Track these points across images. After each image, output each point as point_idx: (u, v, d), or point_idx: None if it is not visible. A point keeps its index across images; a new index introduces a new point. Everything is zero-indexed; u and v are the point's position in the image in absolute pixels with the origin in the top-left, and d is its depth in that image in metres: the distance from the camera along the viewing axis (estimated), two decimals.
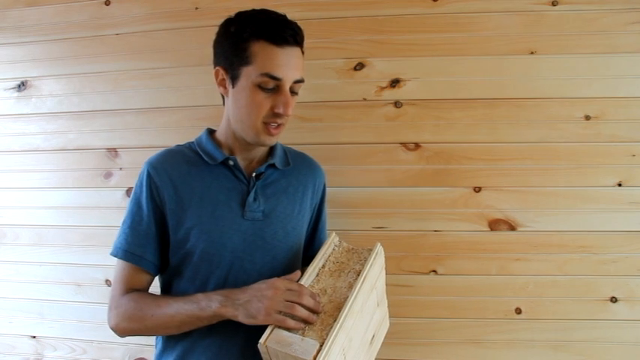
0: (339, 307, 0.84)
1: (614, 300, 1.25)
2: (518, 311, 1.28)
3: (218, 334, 0.90)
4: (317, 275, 0.91)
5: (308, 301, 0.82)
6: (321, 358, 0.76)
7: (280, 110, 0.89)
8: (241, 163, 0.98)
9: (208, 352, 0.91)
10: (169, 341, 0.95)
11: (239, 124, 0.93)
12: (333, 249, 0.97)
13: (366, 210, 1.31)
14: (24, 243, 1.46)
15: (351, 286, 0.87)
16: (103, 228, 1.41)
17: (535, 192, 1.27)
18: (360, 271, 0.90)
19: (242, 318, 0.82)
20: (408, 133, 1.30)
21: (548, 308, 1.27)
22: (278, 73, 0.87)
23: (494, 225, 1.28)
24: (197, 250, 0.92)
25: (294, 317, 0.80)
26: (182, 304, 0.87)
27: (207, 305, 0.84)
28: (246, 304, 0.82)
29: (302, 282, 0.88)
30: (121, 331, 0.93)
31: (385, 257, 1.00)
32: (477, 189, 1.29)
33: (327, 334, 0.79)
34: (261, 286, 0.84)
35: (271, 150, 1.03)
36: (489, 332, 1.28)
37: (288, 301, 0.81)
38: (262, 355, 0.81)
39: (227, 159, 0.96)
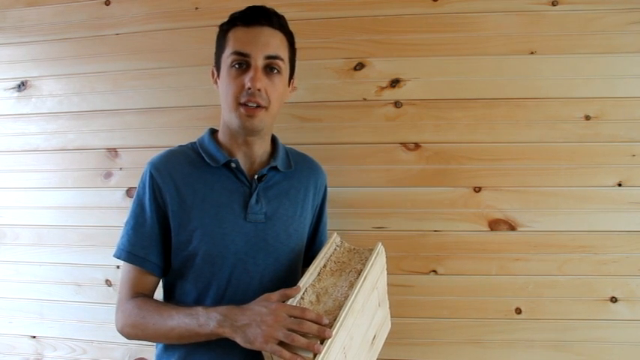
0: (339, 306, 0.83)
1: (614, 300, 1.25)
2: (518, 311, 1.28)
3: (220, 338, 0.90)
4: (318, 274, 0.91)
5: (310, 328, 0.78)
6: (322, 355, 0.75)
7: (248, 84, 0.89)
8: (243, 164, 0.98)
9: (212, 353, 0.91)
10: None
11: (226, 114, 0.95)
12: (335, 249, 0.97)
13: (366, 210, 1.31)
14: (24, 243, 1.46)
15: (352, 285, 0.87)
16: (102, 228, 1.41)
17: (535, 192, 1.27)
18: (361, 270, 0.90)
19: (240, 341, 0.81)
20: (408, 133, 1.30)
21: (548, 308, 1.27)
22: (245, 49, 0.90)
23: (494, 225, 1.28)
24: (200, 252, 0.92)
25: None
26: (182, 318, 0.86)
27: (206, 322, 0.83)
28: (245, 327, 0.81)
29: (303, 281, 0.88)
30: (126, 335, 0.93)
31: (386, 257, 1.00)
32: (477, 189, 1.29)
33: None
34: (262, 310, 0.81)
35: (273, 152, 1.03)
36: (489, 332, 1.28)
37: (288, 329, 0.78)
38: (263, 353, 0.81)
39: (229, 161, 0.96)
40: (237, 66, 0.91)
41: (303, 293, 0.87)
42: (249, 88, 0.89)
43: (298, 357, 0.77)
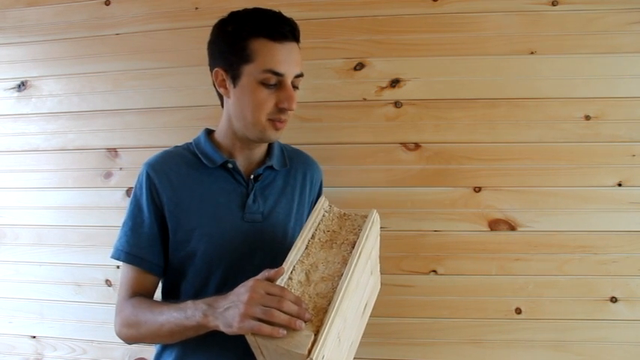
0: (333, 287, 0.75)
1: (614, 300, 1.25)
2: (518, 311, 1.28)
3: (218, 337, 0.89)
4: (306, 248, 0.82)
5: (290, 308, 0.72)
6: (317, 351, 0.67)
7: (285, 105, 0.89)
8: (240, 165, 0.98)
9: (208, 353, 0.91)
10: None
11: (242, 123, 0.93)
12: (324, 215, 0.89)
13: (366, 210, 1.31)
14: (24, 243, 1.46)
15: (345, 261, 0.79)
16: (103, 228, 1.41)
17: (535, 192, 1.27)
18: (355, 242, 0.81)
19: (222, 327, 0.76)
20: (408, 133, 1.30)
21: (548, 308, 1.27)
22: (280, 69, 0.88)
23: (494, 225, 1.28)
24: (198, 252, 0.92)
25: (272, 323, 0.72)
26: (172, 312, 0.83)
27: (193, 315, 0.80)
28: (225, 311, 0.76)
29: (290, 258, 0.80)
30: (124, 337, 0.92)
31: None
32: (477, 189, 1.29)
33: (321, 321, 0.71)
34: (240, 290, 0.77)
35: (269, 151, 1.03)
36: (489, 332, 1.28)
37: (266, 306, 0.72)
38: (250, 344, 0.74)
39: (226, 162, 0.96)
40: (268, 84, 0.89)
41: (291, 272, 0.78)
42: (284, 108, 0.89)
43: (279, 329, 0.70)
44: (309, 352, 0.68)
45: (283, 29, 0.88)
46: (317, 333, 0.70)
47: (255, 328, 0.71)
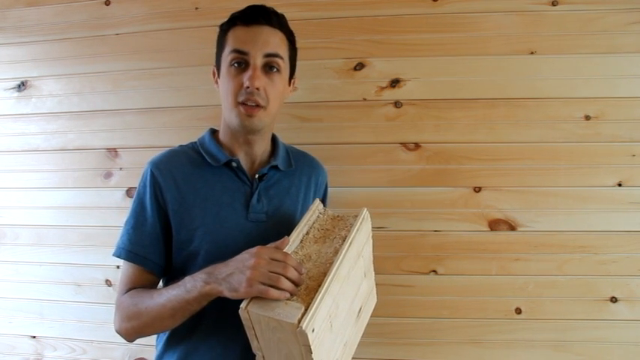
0: (324, 272, 0.80)
1: (614, 300, 1.25)
2: (518, 311, 1.28)
3: (220, 336, 0.90)
4: (301, 242, 0.88)
5: (292, 274, 0.78)
6: (306, 321, 0.72)
7: (247, 83, 0.89)
8: (244, 164, 0.98)
9: (212, 352, 0.90)
10: (170, 343, 0.95)
11: (226, 113, 0.95)
12: (318, 216, 0.94)
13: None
14: (24, 243, 1.46)
15: (337, 252, 0.84)
16: (102, 228, 1.41)
17: (535, 192, 1.27)
18: (346, 236, 0.87)
19: (226, 293, 0.78)
20: (408, 133, 1.30)
21: (548, 308, 1.27)
22: (244, 47, 0.90)
23: (494, 225, 1.28)
24: (201, 251, 0.92)
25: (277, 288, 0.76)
26: (170, 291, 0.85)
27: (193, 286, 0.81)
28: (229, 277, 0.78)
29: (285, 248, 0.85)
30: (125, 332, 0.91)
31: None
32: (477, 189, 1.29)
33: (311, 299, 0.76)
34: (244, 256, 0.80)
35: (273, 151, 1.03)
36: (489, 332, 1.28)
37: (272, 272, 0.76)
38: (244, 322, 0.77)
39: (230, 161, 0.96)
40: (236, 64, 0.91)
41: None
42: (248, 87, 0.89)
43: (286, 292, 0.76)
44: (299, 321, 0.72)
45: (255, 14, 0.92)
46: (307, 308, 0.75)
47: (262, 291, 0.75)
